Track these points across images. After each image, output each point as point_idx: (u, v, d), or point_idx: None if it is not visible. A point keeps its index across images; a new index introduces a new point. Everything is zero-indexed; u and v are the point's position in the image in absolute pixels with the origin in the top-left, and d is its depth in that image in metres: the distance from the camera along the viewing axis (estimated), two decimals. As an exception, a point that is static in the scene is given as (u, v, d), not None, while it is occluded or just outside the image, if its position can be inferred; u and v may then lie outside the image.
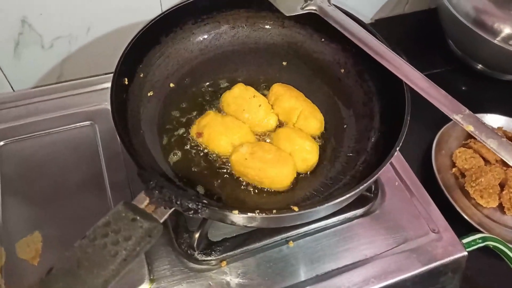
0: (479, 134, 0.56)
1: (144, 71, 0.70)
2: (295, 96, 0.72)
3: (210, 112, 0.70)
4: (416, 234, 0.68)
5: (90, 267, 0.45)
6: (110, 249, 0.46)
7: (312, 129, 0.70)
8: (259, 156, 0.63)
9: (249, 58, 0.79)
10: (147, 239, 0.47)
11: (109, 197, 0.68)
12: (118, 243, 0.46)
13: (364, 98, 0.72)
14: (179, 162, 0.66)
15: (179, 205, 0.51)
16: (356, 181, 0.61)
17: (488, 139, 0.56)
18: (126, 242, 0.46)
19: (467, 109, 0.58)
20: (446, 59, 1.03)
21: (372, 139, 0.67)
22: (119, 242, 0.46)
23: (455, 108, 0.58)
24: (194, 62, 0.77)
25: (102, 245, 0.46)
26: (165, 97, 0.72)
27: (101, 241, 0.46)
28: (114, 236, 0.47)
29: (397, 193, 0.73)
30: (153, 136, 0.67)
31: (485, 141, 0.56)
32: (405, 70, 0.63)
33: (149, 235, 0.48)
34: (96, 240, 0.46)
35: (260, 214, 0.51)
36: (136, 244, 0.47)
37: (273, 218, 0.52)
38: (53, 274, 0.44)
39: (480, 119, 0.57)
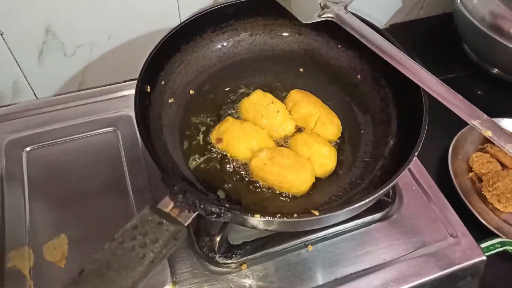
0: (498, 139, 0.57)
1: (165, 78, 0.72)
2: (312, 102, 0.73)
3: (229, 118, 0.72)
4: (434, 239, 0.69)
5: (119, 268, 0.47)
6: (138, 251, 0.48)
7: (329, 134, 0.71)
8: (278, 161, 0.65)
9: (266, 65, 0.81)
10: (172, 241, 0.49)
11: (131, 201, 0.70)
12: (146, 245, 0.48)
13: (381, 104, 0.73)
14: (199, 167, 0.68)
15: (203, 209, 0.53)
16: (374, 186, 0.62)
17: (507, 144, 0.56)
18: (153, 244, 0.48)
19: (484, 115, 0.59)
20: (462, 64, 1.04)
21: (390, 144, 0.68)
22: (146, 245, 0.48)
23: (472, 113, 0.59)
24: (213, 69, 0.79)
25: (130, 248, 0.48)
26: (185, 103, 0.74)
27: (129, 244, 0.48)
28: (141, 239, 0.49)
29: (415, 197, 0.74)
30: (174, 142, 0.69)
31: (503, 146, 0.57)
32: (422, 76, 0.64)
33: (174, 238, 0.50)
34: (124, 242, 0.48)
35: (281, 218, 0.52)
36: (162, 247, 0.49)
37: (293, 222, 0.54)
38: (84, 275, 0.46)
39: (498, 124, 0.58)
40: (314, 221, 0.55)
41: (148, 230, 0.49)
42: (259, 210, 0.59)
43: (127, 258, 0.47)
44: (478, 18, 0.91)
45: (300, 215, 0.53)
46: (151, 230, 0.49)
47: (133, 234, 0.49)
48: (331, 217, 0.55)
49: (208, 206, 0.53)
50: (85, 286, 0.46)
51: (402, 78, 0.66)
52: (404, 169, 0.57)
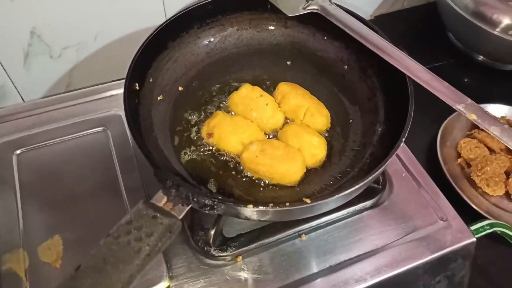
0: (482, 122, 0.59)
1: (153, 76, 0.73)
2: (301, 94, 0.75)
3: (219, 113, 0.73)
4: (425, 223, 0.71)
5: (116, 263, 0.48)
6: (134, 245, 0.49)
7: (318, 125, 0.73)
8: (269, 153, 0.66)
9: (254, 59, 0.82)
10: (167, 234, 0.51)
11: (124, 199, 0.71)
12: (141, 239, 0.49)
13: (368, 93, 0.75)
14: (191, 162, 0.69)
15: (196, 202, 0.54)
16: (364, 173, 0.64)
17: (491, 127, 0.59)
18: (148, 238, 0.50)
19: (469, 99, 0.61)
20: (448, 52, 1.06)
21: (378, 132, 0.70)
22: (142, 239, 0.50)
23: (457, 98, 0.61)
24: (201, 65, 0.80)
25: (126, 242, 0.49)
26: (175, 100, 0.75)
27: (124, 238, 0.49)
28: (136, 233, 0.50)
29: (405, 184, 0.76)
30: (165, 138, 0.70)
31: (488, 128, 0.59)
32: (407, 64, 0.66)
33: (169, 231, 0.51)
34: (120, 237, 0.49)
35: (274, 208, 0.54)
36: (158, 240, 0.50)
37: (286, 211, 0.55)
38: (81, 270, 0.47)
39: (482, 107, 0.60)
40: (306, 209, 0.57)
41: (142, 224, 0.51)
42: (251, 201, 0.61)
43: (123, 252, 0.49)
44: (462, 5, 0.93)
45: (292, 203, 0.54)
46: (145, 224, 0.51)
47: (128, 229, 0.50)
48: (323, 205, 0.57)
49: (201, 199, 0.54)
50: (82, 281, 0.47)
51: (388, 66, 0.67)
52: (392, 155, 0.58)
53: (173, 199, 0.54)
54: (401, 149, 0.80)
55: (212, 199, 0.54)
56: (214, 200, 0.54)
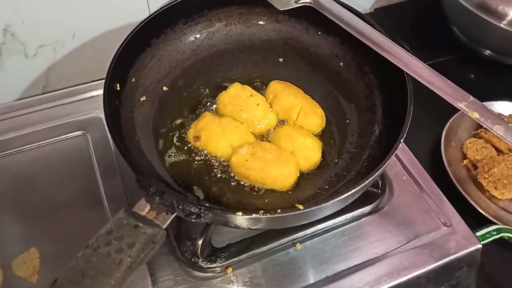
0: (485, 120, 0.60)
1: (135, 75, 0.74)
2: (293, 93, 0.75)
3: (207, 114, 0.73)
4: (427, 229, 0.71)
5: (95, 276, 0.48)
6: (114, 257, 0.49)
7: (313, 126, 0.73)
8: (260, 156, 0.66)
9: (244, 56, 0.83)
10: (150, 245, 0.51)
11: (106, 208, 0.72)
12: (122, 250, 0.50)
13: (365, 92, 0.75)
14: (177, 167, 0.69)
15: (181, 210, 0.54)
16: (362, 177, 0.63)
17: (494, 126, 0.59)
18: (130, 249, 0.50)
19: (471, 96, 0.62)
20: (451, 46, 1.07)
21: (376, 133, 0.70)
22: (123, 250, 0.50)
23: (458, 95, 0.62)
24: (186, 64, 0.80)
25: (106, 254, 0.49)
26: (159, 101, 0.76)
27: (104, 250, 0.50)
28: (117, 244, 0.50)
29: (406, 188, 0.76)
30: (148, 142, 0.70)
31: (491, 127, 0.60)
32: (406, 60, 0.67)
33: (152, 241, 0.51)
34: (99, 248, 0.50)
35: (265, 215, 0.54)
36: (140, 251, 0.50)
37: (278, 218, 0.56)
38: (57, 285, 0.48)
39: (485, 105, 0.61)
40: (300, 215, 0.57)
41: (123, 234, 0.51)
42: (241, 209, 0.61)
43: (103, 264, 0.49)
44: (465, -3, 0.94)
45: (284, 210, 0.55)
46: (127, 234, 0.51)
47: (108, 239, 0.50)
48: (317, 211, 0.57)
49: (187, 207, 0.54)
50: (59, 296, 0.47)
51: (385, 63, 0.68)
52: (390, 156, 0.59)
53: (157, 207, 0.54)
54: (402, 151, 0.81)
55: (198, 206, 0.54)
56: (201, 208, 0.55)
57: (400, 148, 0.60)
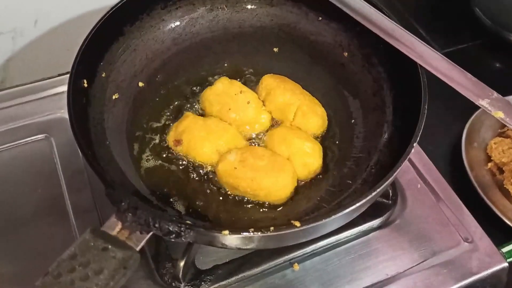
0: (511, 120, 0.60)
1: (106, 69, 0.73)
2: (290, 89, 0.74)
3: (189, 114, 0.72)
4: (445, 245, 0.71)
5: (56, 308, 0.47)
6: (78, 286, 0.48)
7: (312, 127, 0.73)
8: (250, 163, 0.66)
9: (232, 46, 0.82)
10: (121, 271, 0.50)
11: (72, 224, 0.71)
12: (88, 278, 0.49)
13: (373, 87, 0.75)
14: (154, 177, 0.68)
15: (158, 229, 0.53)
16: (369, 186, 0.64)
17: (522, 126, 0.59)
18: (97, 276, 0.49)
19: (495, 92, 0.62)
20: (474, 31, 1.07)
21: (385, 135, 0.70)
22: (89, 277, 0.49)
23: (480, 91, 0.62)
24: (166, 55, 0.80)
25: (69, 282, 0.48)
26: (134, 99, 0.75)
27: (67, 278, 0.48)
28: (82, 271, 0.49)
29: (421, 197, 0.76)
30: (122, 148, 0.70)
31: (519, 128, 0.59)
32: (419, 50, 0.66)
33: (124, 266, 0.50)
34: (61, 276, 0.49)
35: (256, 233, 0.53)
36: (109, 278, 0.49)
37: (272, 237, 0.55)
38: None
39: (511, 102, 0.61)
40: (297, 233, 0.56)
41: (90, 259, 0.50)
42: (229, 225, 0.61)
43: (66, 295, 0.48)
44: (489, -25, 0.94)
45: (278, 227, 0.54)
46: (93, 258, 0.50)
47: (72, 265, 0.49)
48: (317, 228, 0.56)
49: (165, 224, 0.54)
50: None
51: (396, 53, 0.67)
52: (402, 162, 0.58)
53: (129, 226, 0.53)
54: (416, 155, 0.80)
55: (178, 224, 0.54)
56: (181, 226, 0.54)
57: (413, 151, 0.59)
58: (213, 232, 0.54)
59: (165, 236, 0.54)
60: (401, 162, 0.58)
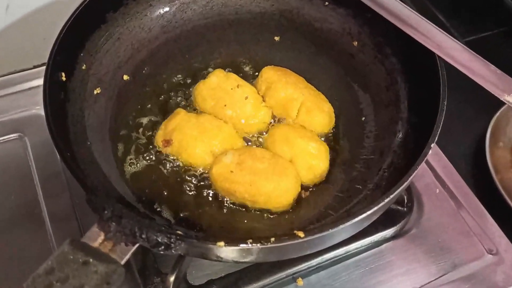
0: (540, 119, 0.60)
1: (87, 61, 0.73)
2: (293, 83, 0.74)
3: (180, 111, 0.72)
4: (467, 258, 0.71)
5: (31, 329, 0.47)
6: (56, 304, 0.48)
7: (318, 125, 0.73)
8: (249, 166, 0.66)
9: (228, 34, 0.82)
10: (104, 287, 0.50)
11: (49, 234, 0.71)
12: (67, 295, 0.49)
13: (386, 80, 0.75)
14: (141, 181, 0.68)
15: (145, 240, 0.53)
16: (381, 191, 0.64)
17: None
18: (77, 293, 0.49)
19: (522, 86, 0.62)
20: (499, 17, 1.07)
21: (400, 134, 0.70)
22: (67, 294, 0.49)
23: (505, 85, 0.62)
24: (154, 45, 0.80)
25: (45, 300, 0.48)
26: (118, 94, 0.75)
27: (43, 295, 0.49)
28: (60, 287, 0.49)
29: (439, 204, 0.76)
30: (104, 148, 0.70)
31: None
32: (438, 39, 0.66)
33: (107, 282, 0.50)
34: (37, 293, 0.49)
35: (254, 245, 0.53)
36: (90, 295, 0.49)
37: (273, 249, 0.55)
38: None
39: (540, 98, 0.61)
40: (300, 245, 0.56)
41: (69, 273, 0.50)
42: (225, 235, 0.61)
43: (41, 315, 0.48)
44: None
45: (279, 238, 0.53)
46: (73, 273, 0.50)
47: (49, 281, 0.49)
48: (324, 238, 0.56)
49: (153, 235, 0.54)
50: None
51: (412, 43, 0.67)
52: (418, 165, 0.58)
53: (113, 236, 0.53)
54: (434, 156, 0.80)
55: (168, 235, 0.54)
56: (171, 237, 0.54)
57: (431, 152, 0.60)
58: (207, 243, 0.54)
59: (153, 248, 0.54)
60: (418, 164, 0.58)
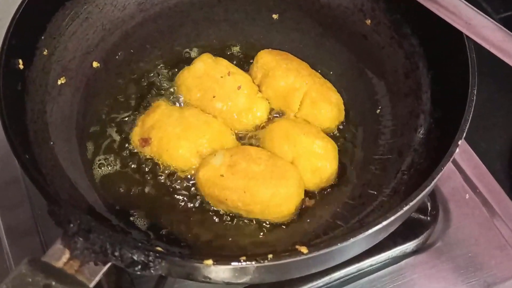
0: None
1: (49, 45, 0.72)
2: (294, 69, 0.74)
3: (160, 104, 0.72)
4: (503, 275, 0.71)
5: None
6: (11, 336, 0.48)
7: (324, 119, 0.73)
8: (242, 169, 0.65)
9: (218, 12, 0.82)
10: (69, 316, 0.50)
11: (6, 251, 0.71)
12: (24, 325, 0.48)
13: (405, 65, 0.74)
14: (114, 188, 0.68)
15: (119, 258, 0.53)
16: (400, 197, 0.63)
17: None
18: (36, 323, 0.48)
19: None
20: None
21: (421, 129, 0.69)
22: (25, 325, 0.48)
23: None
24: (129, 25, 0.79)
25: (-2, 331, 0.48)
26: (87, 84, 0.75)
27: (-4, 325, 0.48)
28: (16, 316, 0.49)
29: (469, 211, 0.76)
30: (70, 148, 0.69)
31: None
32: (466, 16, 0.65)
33: (72, 310, 0.50)
34: (-12, 323, 0.48)
35: (249, 263, 0.53)
36: (52, 326, 0.49)
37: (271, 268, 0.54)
38: None
39: None
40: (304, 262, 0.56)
41: (26, 300, 0.49)
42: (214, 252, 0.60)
43: None
44: None
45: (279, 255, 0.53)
46: (31, 300, 0.49)
47: (2, 309, 0.49)
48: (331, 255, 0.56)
49: (128, 252, 0.53)
50: None
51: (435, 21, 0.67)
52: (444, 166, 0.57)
53: (81, 254, 0.53)
54: (463, 154, 0.80)
55: (145, 252, 0.53)
56: (149, 254, 0.53)
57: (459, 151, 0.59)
58: (192, 261, 0.53)
59: (128, 268, 0.53)
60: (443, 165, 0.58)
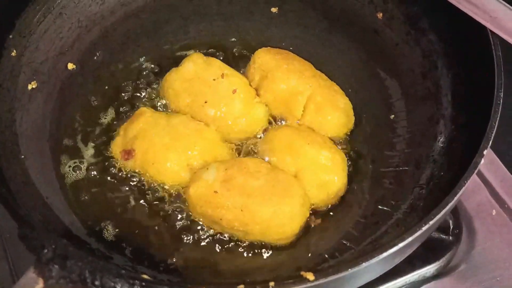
0: None
1: (18, 45, 0.73)
2: (297, 70, 0.75)
3: (145, 111, 0.73)
4: (536, 302, 0.71)
5: None
6: None
7: (332, 127, 0.73)
8: (239, 184, 0.65)
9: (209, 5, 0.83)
10: None
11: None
12: None
13: (422, 64, 0.75)
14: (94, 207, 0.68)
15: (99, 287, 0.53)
16: (418, 215, 0.64)
17: None
18: None
19: None
20: None
21: (441, 137, 0.70)
22: None
23: None
24: (108, 21, 0.80)
25: None
26: (61, 89, 0.75)
27: None
28: None
29: (497, 229, 0.76)
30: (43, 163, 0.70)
31: None
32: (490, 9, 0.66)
33: None
34: None
35: (247, 292, 0.53)
36: None
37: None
38: None
39: None
40: (310, 290, 0.56)
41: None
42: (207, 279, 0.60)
43: None
44: None
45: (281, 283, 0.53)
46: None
47: None
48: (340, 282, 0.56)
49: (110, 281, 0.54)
50: None
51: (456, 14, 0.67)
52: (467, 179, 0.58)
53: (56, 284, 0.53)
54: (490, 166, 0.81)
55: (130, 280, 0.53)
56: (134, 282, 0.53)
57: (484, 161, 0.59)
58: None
59: (110, 299, 0.54)
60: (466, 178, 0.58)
